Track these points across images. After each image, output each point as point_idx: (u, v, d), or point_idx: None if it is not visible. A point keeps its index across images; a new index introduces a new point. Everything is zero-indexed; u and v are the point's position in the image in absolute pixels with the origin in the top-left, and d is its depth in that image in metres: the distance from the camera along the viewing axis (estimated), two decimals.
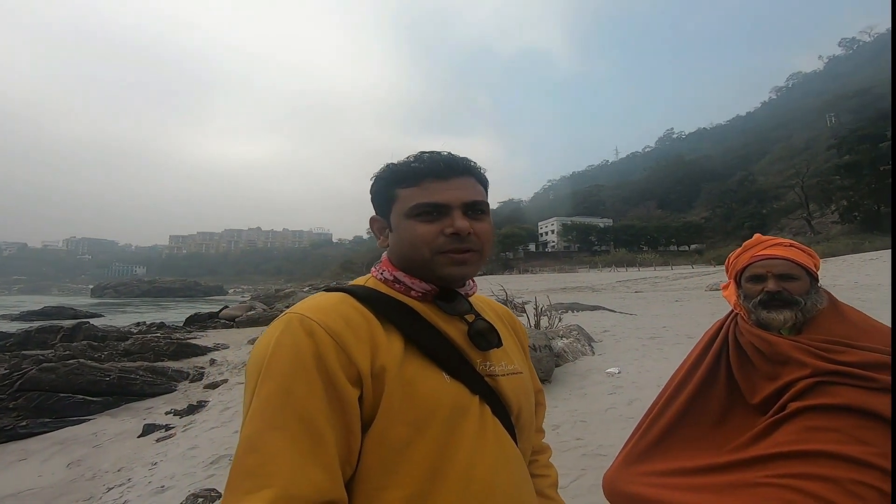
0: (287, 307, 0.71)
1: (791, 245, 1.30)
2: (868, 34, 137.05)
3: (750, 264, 1.31)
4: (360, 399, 0.63)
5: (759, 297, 1.26)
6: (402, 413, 0.64)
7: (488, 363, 0.74)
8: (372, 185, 0.79)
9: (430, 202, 0.71)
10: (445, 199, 0.71)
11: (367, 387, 0.63)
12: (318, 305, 0.67)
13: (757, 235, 1.37)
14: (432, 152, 0.76)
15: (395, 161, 0.77)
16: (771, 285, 1.24)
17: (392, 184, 0.75)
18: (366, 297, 0.71)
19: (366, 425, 0.63)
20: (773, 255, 1.27)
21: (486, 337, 0.74)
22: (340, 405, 0.61)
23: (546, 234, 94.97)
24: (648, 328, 7.58)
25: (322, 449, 0.58)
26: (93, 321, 15.90)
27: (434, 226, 0.71)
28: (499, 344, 0.75)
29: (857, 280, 13.25)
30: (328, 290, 0.74)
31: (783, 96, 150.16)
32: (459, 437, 0.66)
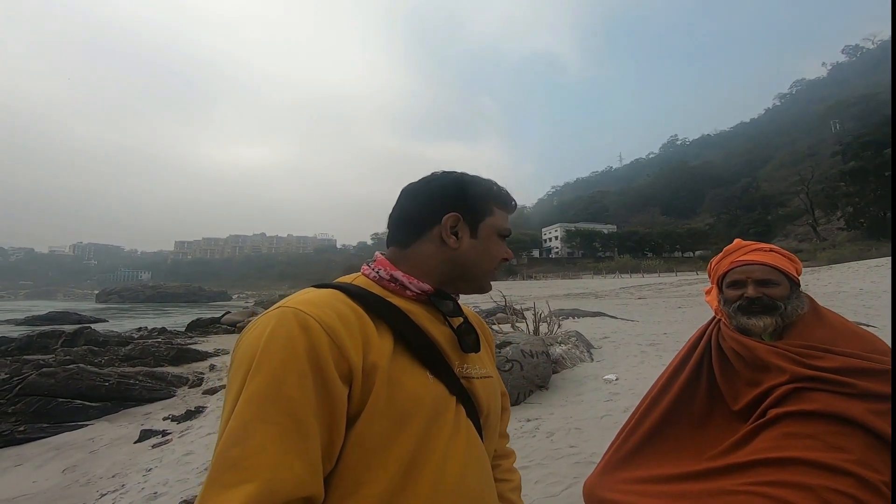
0: (275, 305, 0.70)
1: (771, 250, 1.29)
2: (871, 41, 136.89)
3: (730, 269, 1.30)
4: (349, 395, 0.63)
5: (738, 303, 1.25)
6: (387, 410, 0.64)
7: (465, 366, 0.77)
8: (461, 185, 0.82)
9: (509, 229, 0.85)
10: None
11: (357, 383, 0.64)
12: (312, 300, 0.67)
13: (737, 240, 1.36)
14: (502, 187, 0.87)
15: (491, 179, 0.86)
16: (750, 291, 1.23)
17: (491, 198, 0.83)
18: (357, 294, 0.72)
19: (350, 421, 0.63)
20: (753, 260, 1.26)
21: (468, 340, 0.77)
22: (329, 401, 0.61)
23: (550, 240, 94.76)
24: (649, 335, 7.53)
25: (307, 444, 0.58)
26: (96, 326, 15.96)
27: (503, 248, 0.84)
28: (478, 348, 0.78)
29: (863, 287, 13.10)
30: (317, 286, 0.74)
31: (787, 103, 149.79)
32: (436, 436, 0.67)
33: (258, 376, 0.59)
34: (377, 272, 0.79)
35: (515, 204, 0.89)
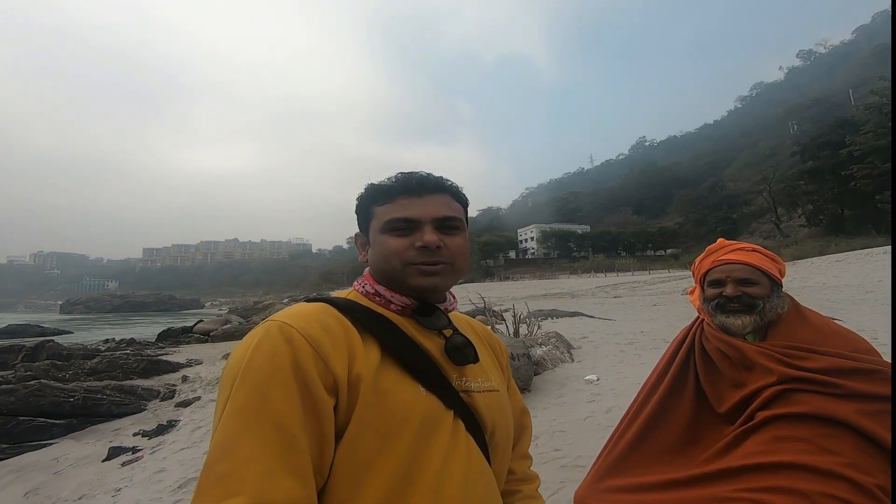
0: (265, 319, 0.71)
1: (753, 250, 1.30)
2: (823, 46, 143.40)
3: (711, 269, 1.32)
4: (335, 408, 0.63)
5: (716, 301, 1.27)
6: (374, 422, 0.63)
7: (464, 379, 0.75)
8: (356, 205, 0.83)
9: (401, 217, 0.75)
10: (416, 215, 0.75)
11: (343, 395, 0.63)
12: (298, 313, 0.68)
13: (720, 240, 1.38)
14: (408, 172, 0.79)
15: (375, 181, 0.81)
16: (729, 290, 1.25)
17: (370, 202, 0.80)
18: (346, 307, 0.72)
19: (338, 434, 0.63)
20: (733, 259, 1.28)
21: (462, 352, 0.74)
22: (316, 413, 0.60)
23: (525, 241, 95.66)
24: (626, 333, 7.65)
25: (296, 456, 0.57)
26: (59, 338, 15.22)
27: (405, 239, 0.74)
28: (475, 360, 0.76)
29: (825, 282, 13.69)
30: (309, 300, 0.75)
31: (748, 105, 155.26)
32: (430, 450, 0.65)
33: (242, 389, 0.59)
34: (364, 287, 0.79)
35: (408, 184, 0.77)
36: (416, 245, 0.73)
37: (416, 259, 0.73)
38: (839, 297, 10.12)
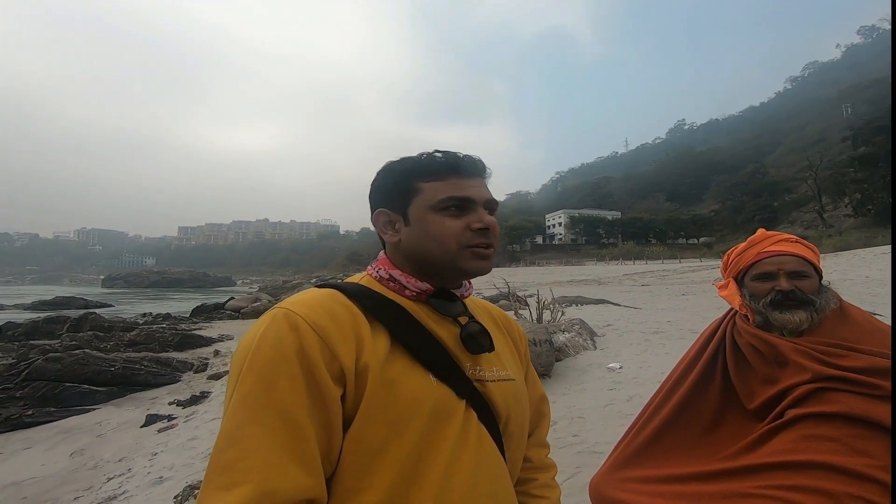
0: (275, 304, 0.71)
1: (797, 241, 1.22)
2: (888, 21, 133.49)
3: (757, 261, 1.22)
4: (343, 397, 0.62)
5: (770, 297, 1.17)
6: (382, 413, 0.62)
7: (478, 367, 0.73)
8: (382, 177, 0.77)
9: (459, 196, 0.72)
10: (472, 195, 0.73)
11: (350, 385, 0.62)
12: (305, 300, 0.67)
13: (761, 230, 1.29)
14: (449, 151, 0.76)
15: (411, 155, 0.77)
16: (784, 284, 1.16)
17: (414, 176, 0.74)
18: (355, 293, 0.70)
19: (345, 424, 0.62)
20: (783, 251, 1.18)
21: (477, 340, 0.73)
22: (322, 401, 0.60)
23: (553, 226, 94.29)
24: (652, 322, 7.49)
25: (303, 445, 0.57)
26: (102, 311, 16.10)
27: (461, 220, 0.72)
28: (490, 348, 0.74)
29: (869, 275, 12.98)
30: (319, 286, 0.73)
31: (798, 86, 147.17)
32: (440, 441, 0.64)
33: (249, 378, 0.59)
34: (378, 272, 0.77)
35: (461, 164, 0.74)
36: (474, 227, 0.71)
37: (472, 241, 0.71)
38: (882, 290, 9.60)
